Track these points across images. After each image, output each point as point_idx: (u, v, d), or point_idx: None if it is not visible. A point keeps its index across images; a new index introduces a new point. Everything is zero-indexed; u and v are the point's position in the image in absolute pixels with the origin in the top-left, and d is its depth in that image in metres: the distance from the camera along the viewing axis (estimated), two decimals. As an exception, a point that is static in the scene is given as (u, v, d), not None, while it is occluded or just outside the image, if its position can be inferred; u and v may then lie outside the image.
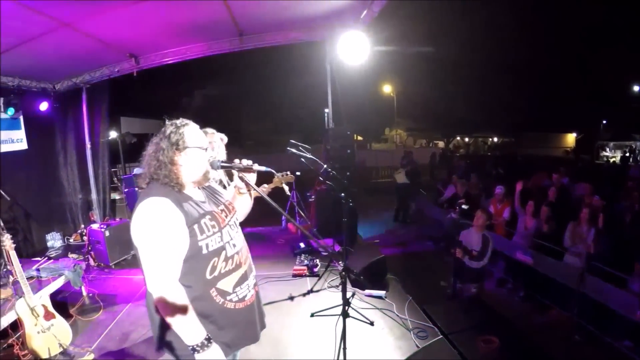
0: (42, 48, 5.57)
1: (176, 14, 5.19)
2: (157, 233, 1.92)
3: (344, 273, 2.73)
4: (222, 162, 2.32)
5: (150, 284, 1.92)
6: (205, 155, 2.19)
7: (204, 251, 2.03)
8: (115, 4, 4.60)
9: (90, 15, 4.81)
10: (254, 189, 2.40)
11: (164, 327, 2.02)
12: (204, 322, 2.02)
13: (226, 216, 2.27)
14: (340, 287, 5.27)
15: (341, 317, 3.16)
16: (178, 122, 2.18)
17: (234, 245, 2.21)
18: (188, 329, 1.95)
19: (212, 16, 5.47)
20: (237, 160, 2.33)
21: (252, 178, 2.43)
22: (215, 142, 4.26)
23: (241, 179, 2.40)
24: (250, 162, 2.33)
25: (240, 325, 2.21)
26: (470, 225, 6.31)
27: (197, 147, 2.15)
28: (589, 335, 4.99)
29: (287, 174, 4.19)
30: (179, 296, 1.94)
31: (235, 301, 2.16)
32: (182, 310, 1.92)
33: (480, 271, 5.97)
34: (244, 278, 2.23)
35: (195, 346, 1.94)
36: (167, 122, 2.20)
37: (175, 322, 1.92)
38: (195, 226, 2.02)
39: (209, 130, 4.19)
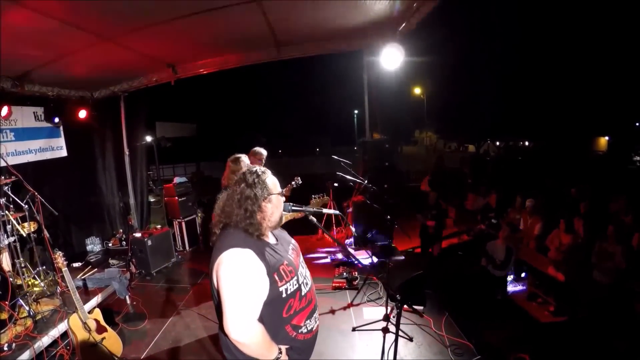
0: (83, 61, 5.68)
1: (216, 27, 5.24)
2: (242, 283, 2.01)
3: (398, 297, 2.73)
4: (294, 205, 2.43)
5: (232, 326, 1.98)
6: (282, 200, 2.31)
7: (284, 295, 2.12)
8: (157, 19, 4.64)
9: (132, 31, 4.87)
10: (319, 227, 2.55)
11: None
12: None
13: (297, 255, 2.38)
14: (381, 300, 5.41)
15: (392, 333, 3.19)
16: (258, 170, 2.26)
17: (307, 284, 2.31)
18: (267, 354, 2.07)
19: (251, 29, 5.48)
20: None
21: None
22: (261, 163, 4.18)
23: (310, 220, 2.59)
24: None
25: (305, 350, 2.36)
26: (497, 236, 6.59)
27: (278, 194, 2.27)
28: (617, 353, 4.95)
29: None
30: (259, 333, 2.03)
31: (305, 333, 2.27)
32: (262, 343, 2.04)
33: (503, 279, 6.38)
34: (313, 312, 2.33)
35: None
36: (244, 169, 2.29)
37: (257, 354, 2.05)
38: (275, 274, 2.10)
39: (258, 150, 4.11)
